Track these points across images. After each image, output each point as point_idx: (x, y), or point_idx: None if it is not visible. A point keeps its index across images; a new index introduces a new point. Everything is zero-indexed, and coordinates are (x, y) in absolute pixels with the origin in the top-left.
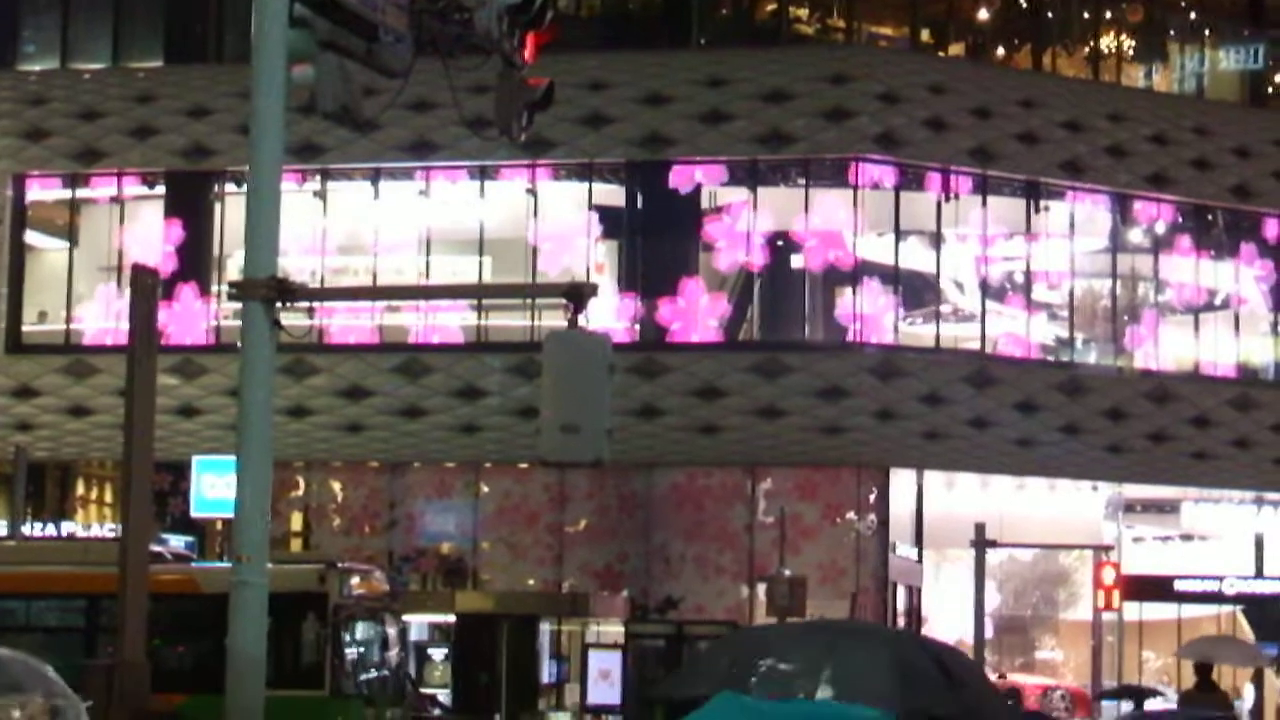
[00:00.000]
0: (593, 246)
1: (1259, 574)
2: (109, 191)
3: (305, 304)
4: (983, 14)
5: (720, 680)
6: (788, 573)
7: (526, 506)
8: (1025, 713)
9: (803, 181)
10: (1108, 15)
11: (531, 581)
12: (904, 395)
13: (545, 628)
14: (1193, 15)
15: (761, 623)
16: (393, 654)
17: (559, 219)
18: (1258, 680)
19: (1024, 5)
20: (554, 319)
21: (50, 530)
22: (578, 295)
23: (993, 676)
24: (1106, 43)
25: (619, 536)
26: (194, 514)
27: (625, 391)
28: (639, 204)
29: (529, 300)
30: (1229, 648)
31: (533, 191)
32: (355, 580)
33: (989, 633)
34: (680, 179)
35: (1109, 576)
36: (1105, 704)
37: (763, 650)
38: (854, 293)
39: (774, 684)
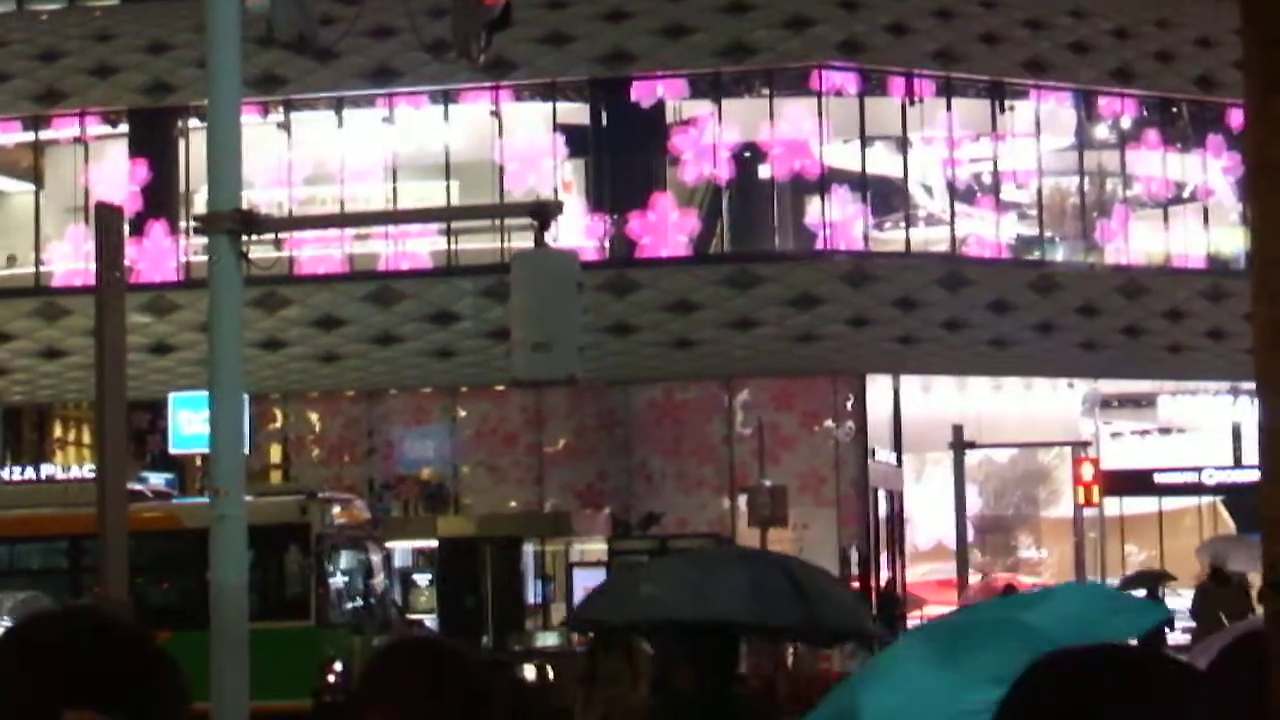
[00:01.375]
0: (559, 166)
1: (1237, 464)
2: (72, 132)
3: (273, 235)
4: None
5: (608, 608)
6: (768, 483)
7: (504, 429)
8: None
9: (766, 92)
10: None
11: (513, 503)
12: (876, 301)
13: (528, 549)
14: None
15: (744, 535)
16: (377, 581)
17: (524, 140)
18: None
19: None
20: (524, 241)
21: (29, 474)
22: (543, 214)
23: (976, 578)
24: None
25: (598, 455)
26: (172, 451)
27: (597, 309)
28: (604, 121)
29: (498, 222)
30: (1241, 550)
31: (496, 113)
32: (337, 510)
33: (970, 534)
34: (644, 94)
35: (1088, 473)
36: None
37: (644, 578)
38: (822, 201)
39: (653, 607)
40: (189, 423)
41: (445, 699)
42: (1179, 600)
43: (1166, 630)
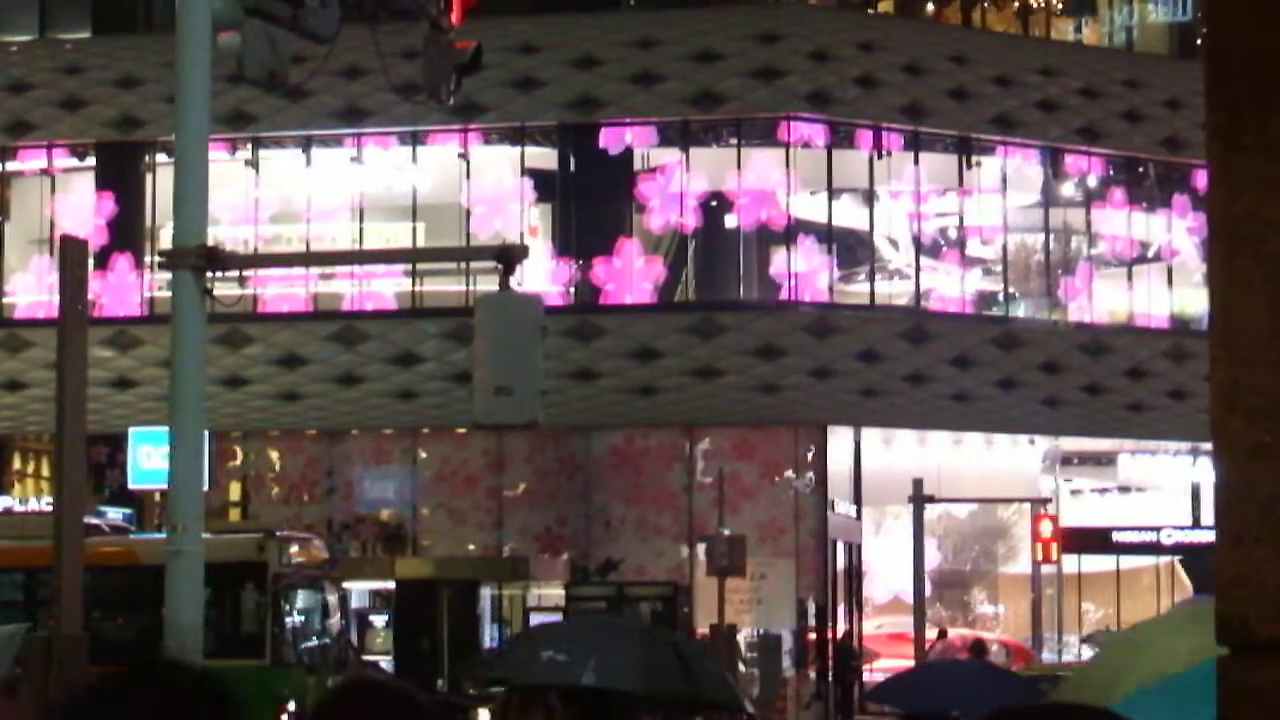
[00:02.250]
0: (526, 210)
1: (1196, 524)
2: (39, 164)
3: (238, 273)
4: None
5: (514, 666)
6: (727, 532)
7: (465, 471)
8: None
9: (734, 141)
10: None
11: (472, 546)
12: (840, 353)
13: (486, 592)
14: None
15: (702, 583)
16: (334, 622)
17: (491, 183)
18: None
19: None
20: (489, 284)
21: None
22: (509, 258)
23: (932, 632)
24: None
25: (558, 500)
26: (131, 486)
27: (561, 354)
28: (571, 167)
29: (463, 265)
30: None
31: (465, 156)
32: (294, 549)
33: (928, 589)
34: (612, 141)
35: (1047, 529)
36: None
37: (545, 641)
38: (788, 251)
39: (553, 671)
40: (148, 458)
41: None
42: None
43: None
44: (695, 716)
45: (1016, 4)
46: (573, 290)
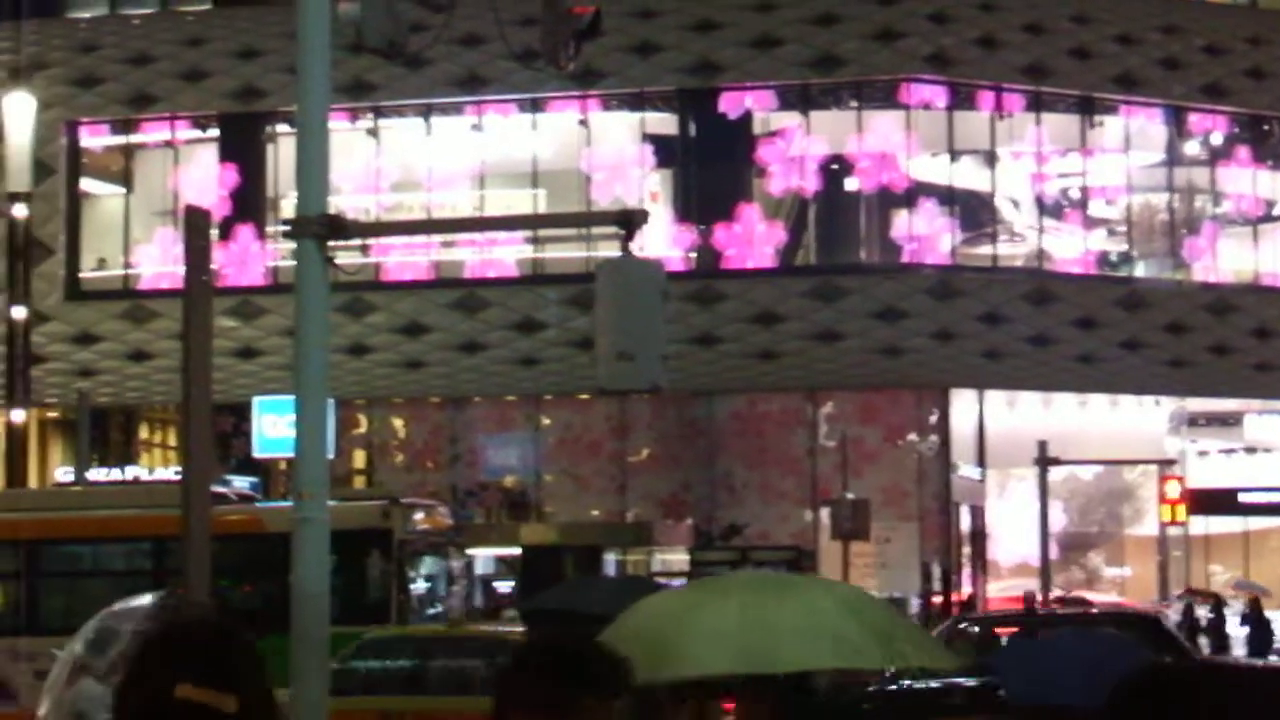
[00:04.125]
0: (646, 175)
1: None
2: (162, 136)
3: (360, 241)
4: None
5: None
6: (851, 496)
7: (588, 437)
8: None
9: (854, 104)
10: None
11: (595, 512)
12: (962, 315)
13: (610, 558)
14: None
15: (826, 548)
16: (458, 588)
17: (611, 149)
18: None
19: None
20: (610, 249)
21: (115, 475)
22: (629, 222)
23: (1056, 594)
24: None
25: (682, 465)
26: (257, 455)
27: (683, 319)
28: (691, 132)
29: (583, 231)
30: None
31: (584, 122)
32: (419, 515)
33: (1053, 551)
34: (732, 105)
35: (1173, 491)
36: None
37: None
38: (909, 214)
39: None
40: (273, 426)
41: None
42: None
43: None
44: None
45: None
46: (694, 255)
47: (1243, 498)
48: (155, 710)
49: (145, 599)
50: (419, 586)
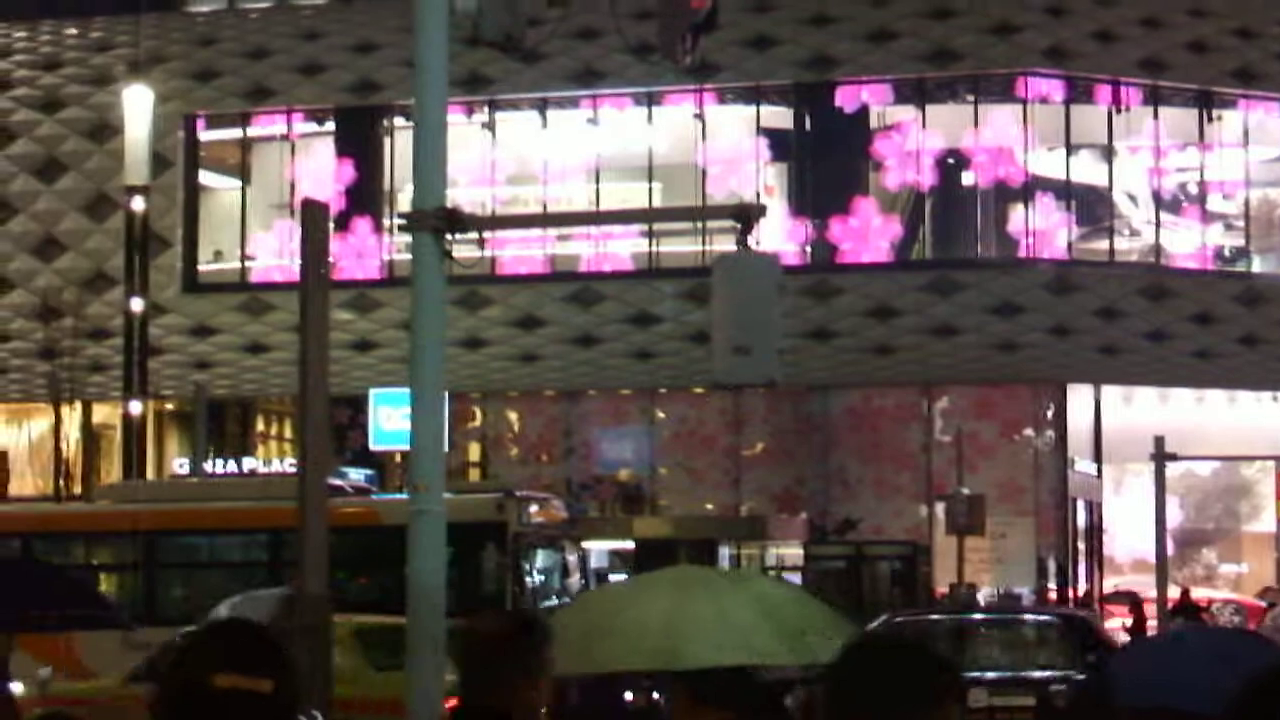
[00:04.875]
0: (762, 169)
1: None
2: (279, 129)
3: (476, 235)
4: None
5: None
6: (966, 491)
7: (703, 431)
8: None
9: (971, 98)
10: None
11: (709, 506)
12: (1079, 310)
13: (724, 551)
14: None
15: (941, 542)
16: (573, 581)
17: (727, 143)
18: None
19: None
20: (725, 244)
21: (232, 467)
22: (746, 216)
23: (1175, 591)
24: None
25: (796, 459)
26: (373, 447)
27: (798, 313)
28: (807, 126)
29: (699, 225)
30: None
31: (700, 116)
32: (534, 508)
33: (1170, 547)
34: (848, 99)
35: None
36: None
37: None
38: (1026, 208)
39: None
40: (389, 419)
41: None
42: None
43: None
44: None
45: None
46: (809, 249)
47: None
48: (199, 694)
49: (269, 591)
50: (534, 579)
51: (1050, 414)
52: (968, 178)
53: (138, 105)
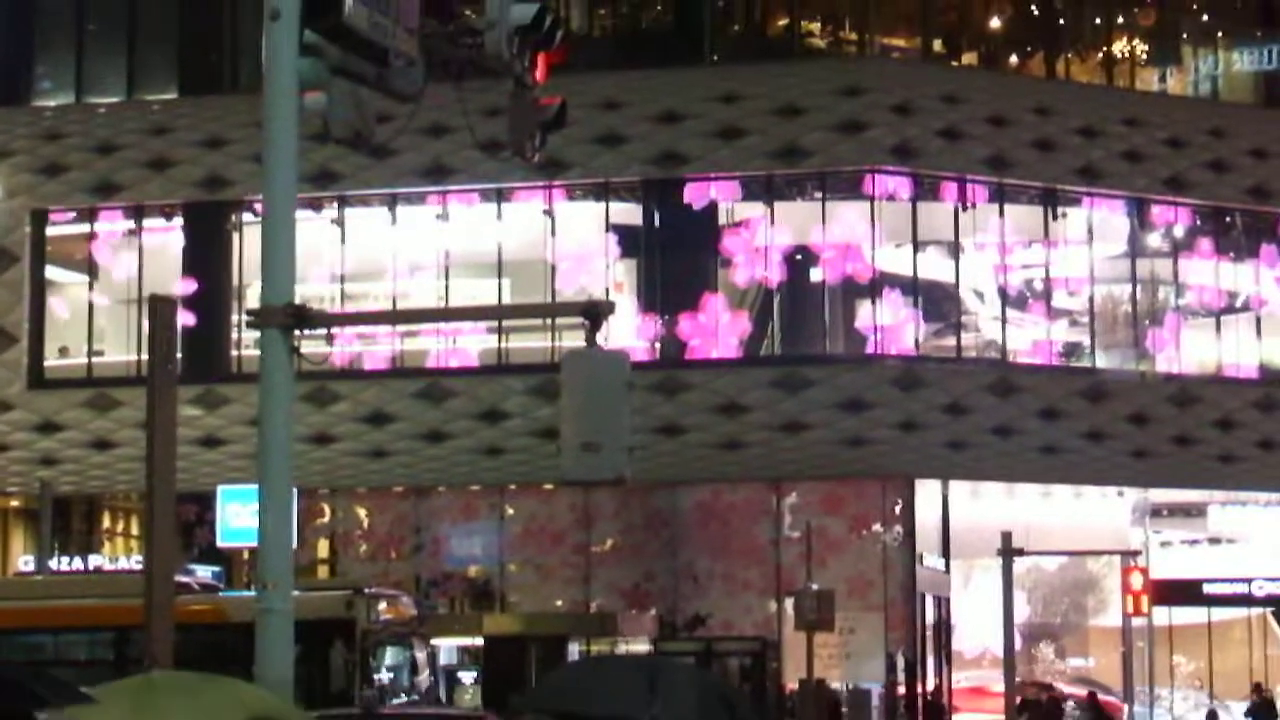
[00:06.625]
0: (611, 265)
1: None
2: (127, 224)
3: (324, 331)
4: (995, 22)
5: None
6: (815, 586)
7: (552, 527)
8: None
9: (819, 195)
10: (1120, 20)
11: (559, 602)
12: (926, 405)
13: (574, 648)
14: (1205, 18)
15: (790, 638)
16: (422, 678)
17: (576, 239)
18: None
19: (1036, 13)
20: (575, 340)
21: (78, 564)
22: (595, 313)
23: (1032, 688)
24: (1120, 47)
25: (645, 555)
26: (220, 544)
27: (647, 409)
28: (656, 222)
29: (548, 321)
30: None
31: (549, 212)
32: (383, 605)
33: (1018, 642)
34: (696, 196)
35: (1137, 582)
36: None
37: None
38: (874, 304)
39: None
40: (237, 516)
41: None
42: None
43: None
44: None
45: (1100, 54)
46: (658, 345)
47: (1207, 589)
48: None
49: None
50: (382, 677)
51: (898, 509)
52: (816, 274)
53: None
